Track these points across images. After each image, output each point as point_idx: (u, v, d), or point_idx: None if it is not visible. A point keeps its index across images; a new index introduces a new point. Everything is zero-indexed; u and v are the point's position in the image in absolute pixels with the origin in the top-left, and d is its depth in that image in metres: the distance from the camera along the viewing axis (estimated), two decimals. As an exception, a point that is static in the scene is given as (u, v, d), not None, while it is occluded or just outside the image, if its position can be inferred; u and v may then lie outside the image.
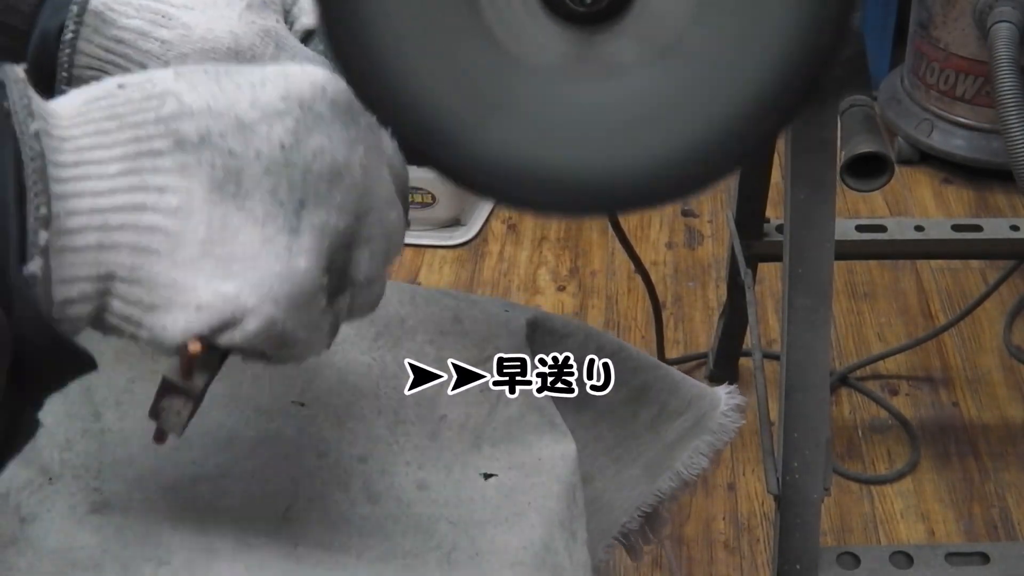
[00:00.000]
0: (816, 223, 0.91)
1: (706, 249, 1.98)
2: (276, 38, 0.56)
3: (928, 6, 1.98)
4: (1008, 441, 1.60)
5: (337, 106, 0.45)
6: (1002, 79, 1.23)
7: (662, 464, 0.77)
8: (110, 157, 0.41)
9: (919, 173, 2.12)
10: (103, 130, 0.41)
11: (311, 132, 0.43)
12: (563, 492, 0.64)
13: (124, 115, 0.41)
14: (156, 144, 0.41)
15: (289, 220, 0.42)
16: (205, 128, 0.41)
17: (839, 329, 1.79)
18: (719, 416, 0.77)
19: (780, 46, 0.47)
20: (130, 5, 0.55)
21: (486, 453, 0.64)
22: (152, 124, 0.41)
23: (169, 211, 0.41)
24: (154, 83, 0.42)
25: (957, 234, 1.44)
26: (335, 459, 0.62)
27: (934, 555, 1.02)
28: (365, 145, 0.45)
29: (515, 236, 2.00)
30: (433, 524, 0.60)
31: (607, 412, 0.72)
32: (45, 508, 0.58)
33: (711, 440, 0.77)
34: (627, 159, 0.49)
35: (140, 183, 0.41)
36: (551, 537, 0.61)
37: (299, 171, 0.42)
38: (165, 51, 0.54)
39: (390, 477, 0.61)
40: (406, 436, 0.63)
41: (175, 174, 0.41)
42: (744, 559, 1.46)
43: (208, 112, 0.42)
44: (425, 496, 0.61)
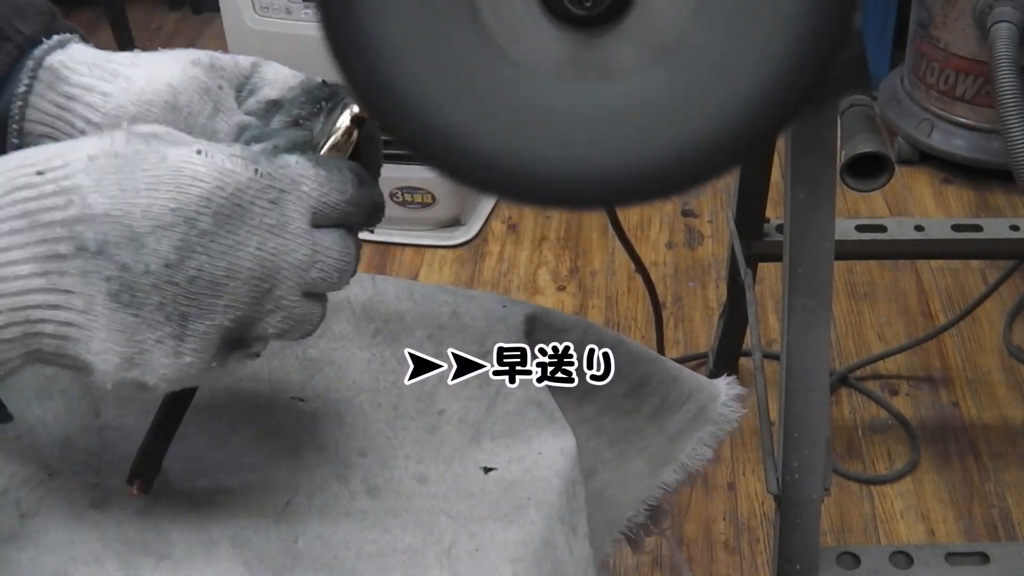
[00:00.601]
0: (816, 223, 0.91)
1: (706, 249, 1.98)
2: (216, 100, 0.58)
3: (928, 6, 1.98)
4: (1008, 441, 1.60)
5: (222, 214, 0.48)
6: (1002, 79, 1.23)
7: (666, 456, 0.77)
8: (23, 258, 0.46)
9: (919, 173, 2.12)
10: (16, 229, 0.46)
11: (193, 251, 0.47)
12: (563, 487, 0.64)
13: (35, 213, 0.46)
14: (61, 248, 0.46)
15: (175, 329, 0.48)
16: (103, 237, 0.46)
17: (839, 329, 1.79)
18: (720, 407, 0.78)
19: (780, 47, 0.47)
20: (84, 63, 0.57)
21: (486, 447, 0.64)
22: (59, 226, 0.46)
23: (78, 311, 0.46)
24: (68, 173, 0.47)
25: (957, 234, 1.44)
26: (334, 453, 0.62)
27: (934, 555, 1.02)
28: (258, 238, 0.49)
29: (515, 236, 2.01)
30: (433, 518, 0.60)
31: (609, 406, 0.72)
32: (45, 504, 0.58)
33: (714, 431, 0.78)
34: (626, 157, 0.49)
35: (51, 285, 0.46)
36: (551, 532, 0.61)
37: (182, 289, 0.47)
38: (105, 103, 0.56)
39: (389, 471, 0.62)
40: (405, 430, 0.64)
41: (79, 279, 0.46)
42: (744, 559, 1.46)
43: (107, 218, 0.46)
44: (424, 490, 0.61)
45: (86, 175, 0.47)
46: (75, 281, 0.46)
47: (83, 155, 0.47)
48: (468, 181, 0.51)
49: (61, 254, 0.46)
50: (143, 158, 0.47)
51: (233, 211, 0.48)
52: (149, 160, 0.47)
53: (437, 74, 0.48)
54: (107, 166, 0.47)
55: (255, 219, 0.48)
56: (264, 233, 0.49)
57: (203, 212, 0.47)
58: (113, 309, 0.46)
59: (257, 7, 1.81)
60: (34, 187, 0.46)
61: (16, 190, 0.46)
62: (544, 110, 0.48)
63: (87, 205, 0.46)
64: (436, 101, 0.48)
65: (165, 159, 0.47)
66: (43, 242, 0.46)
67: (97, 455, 0.60)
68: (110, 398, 0.63)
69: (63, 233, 0.46)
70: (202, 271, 0.47)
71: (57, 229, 0.46)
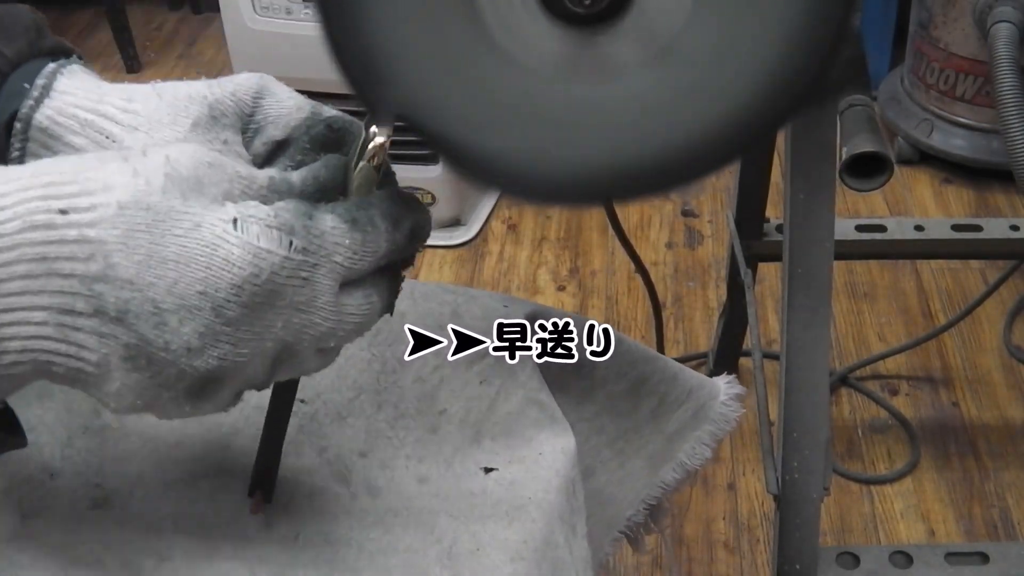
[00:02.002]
0: (815, 222, 0.91)
1: (706, 249, 1.98)
2: (220, 169, 0.50)
3: (928, 6, 1.98)
4: (1008, 441, 1.60)
5: (253, 304, 0.46)
6: (1002, 79, 1.23)
7: (665, 455, 0.77)
8: (38, 305, 0.43)
9: (919, 173, 2.12)
10: (32, 274, 0.43)
11: (217, 340, 0.45)
12: (563, 486, 0.64)
13: (54, 260, 0.43)
14: (78, 305, 0.44)
15: (191, 391, 0.47)
16: (124, 305, 0.44)
17: (839, 329, 1.79)
18: (719, 405, 0.78)
19: (779, 45, 0.47)
20: (75, 119, 0.53)
21: (486, 447, 0.64)
22: (78, 281, 0.43)
23: (91, 364, 0.45)
24: (93, 220, 0.44)
25: (957, 234, 1.44)
26: (335, 454, 0.62)
27: (933, 555, 1.02)
28: (285, 317, 0.47)
29: (515, 236, 2.01)
30: (434, 518, 0.60)
31: (608, 405, 0.72)
32: (46, 504, 0.58)
33: (712, 430, 0.77)
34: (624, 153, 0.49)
35: (63, 336, 0.44)
36: (551, 531, 0.61)
37: (200, 375, 0.46)
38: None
39: (390, 471, 0.62)
40: (406, 430, 0.64)
41: (94, 339, 0.44)
42: (744, 559, 1.46)
43: (129, 285, 0.44)
44: (426, 490, 0.61)
45: (113, 228, 0.44)
46: (90, 339, 0.44)
47: (113, 200, 0.44)
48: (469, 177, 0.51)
49: (78, 311, 0.44)
50: (176, 220, 0.45)
51: (265, 298, 0.46)
52: (182, 224, 0.45)
53: (435, 72, 0.48)
54: (137, 221, 0.44)
55: (285, 299, 0.46)
56: (291, 311, 0.47)
57: (232, 301, 0.45)
58: (128, 370, 0.45)
59: (257, 7, 1.81)
60: (55, 228, 0.43)
61: (36, 228, 0.43)
62: (543, 108, 0.49)
63: (110, 265, 0.44)
64: (434, 100, 0.48)
65: (199, 227, 0.45)
66: (60, 293, 0.43)
67: (98, 455, 0.60)
68: None
69: (81, 290, 0.43)
70: (224, 359, 0.46)
71: (75, 283, 0.43)
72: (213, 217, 0.45)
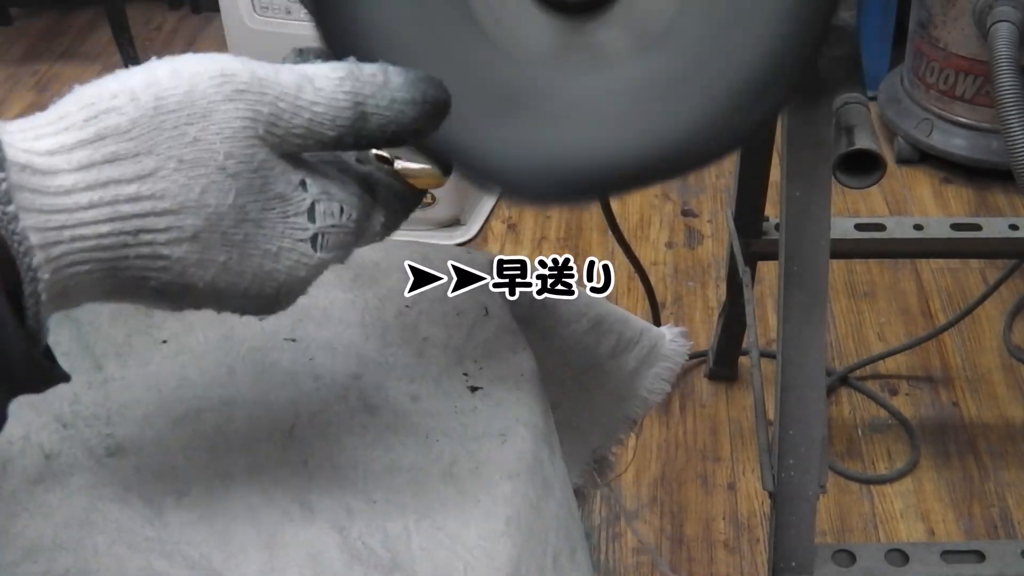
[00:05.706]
0: (811, 220, 0.91)
1: (706, 249, 1.98)
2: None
3: (928, 6, 1.98)
4: (1008, 441, 1.60)
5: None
6: (1002, 79, 1.22)
7: (627, 392, 0.82)
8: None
9: (919, 173, 2.12)
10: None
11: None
12: (542, 409, 0.68)
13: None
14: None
15: None
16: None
17: (839, 329, 1.79)
18: (669, 343, 0.82)
19: (768, 30, 0.47)
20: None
21: (469, 368, 0.67)
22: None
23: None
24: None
25: (957, 233, 1.44)
26: (331, 379, 0.65)
27: (930, 553, 1.01)
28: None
29: (515, 236, 2.01)
30: (431, 436, 0.63)
31: (572, 342, 0.76)
32: (67, 447, 0.61)
33: (668, 365, 0.82)
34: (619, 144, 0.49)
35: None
36: (539, 449, 0.64)
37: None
38: None
39: (384, 391, 0.65)
40: (394, 356, 0.67)
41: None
42: (744, 559, 1.46)
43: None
44: (419, 407, 0.64)
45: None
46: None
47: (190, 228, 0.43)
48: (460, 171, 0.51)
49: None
50: (253, 240, 0.45)
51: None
52: (258, 245, 0.45)
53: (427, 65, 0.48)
54: (213, 242, 0.44)
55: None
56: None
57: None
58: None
59: (257, 7, 1.81)
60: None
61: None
62: (535, 99, 0.49)
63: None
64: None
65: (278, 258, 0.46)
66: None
67: (105, 406, 0.63)
68: (110, 353, 0.66)
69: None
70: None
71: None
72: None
